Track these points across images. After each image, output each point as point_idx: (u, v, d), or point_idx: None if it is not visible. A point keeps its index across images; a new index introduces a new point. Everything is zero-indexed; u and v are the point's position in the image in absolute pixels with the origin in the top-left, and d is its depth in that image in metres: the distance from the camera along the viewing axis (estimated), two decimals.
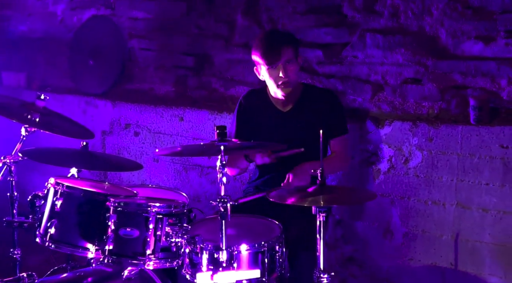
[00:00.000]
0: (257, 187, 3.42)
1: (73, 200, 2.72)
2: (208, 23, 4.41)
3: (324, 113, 3.28)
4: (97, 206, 2.71)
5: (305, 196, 2.46)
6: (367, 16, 3.76)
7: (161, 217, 2.51)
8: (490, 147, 3.27)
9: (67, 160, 3.29)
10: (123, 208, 2.56)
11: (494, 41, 3.36)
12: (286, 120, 3.32)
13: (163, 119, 4.46)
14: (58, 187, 2.74)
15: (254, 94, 3.45)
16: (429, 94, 3.57)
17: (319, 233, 2.50)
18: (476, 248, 3.35)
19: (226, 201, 2.38)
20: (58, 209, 2.72)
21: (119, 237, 2.53)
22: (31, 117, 2.88)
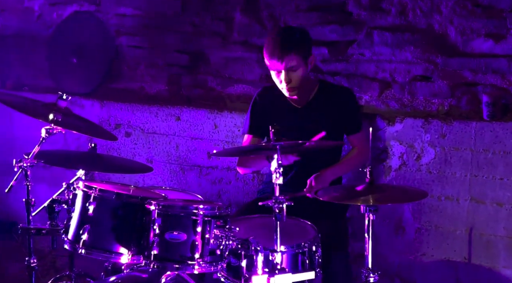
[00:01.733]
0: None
1: (107, 204, 2.58)
2: (203, 20, 4.32)
3: (340, 110, 3.27)
4: (133, 209, 2.58)
5: (354, 194, 2.43)
6: (373, 14, 3.78)
7: (209, 219, 2.42)
8: (504, 142, 3.36)
9: (75, 162, 3.14)
10: (168, 211, 2.45)
11: (504, 38, 3.45)
12: (301, 117, 3.28)
13: (158, 118, 4.33)
14: (91, 191, 2.59)
15: (268, 90, 3.40)
16: (439, 91, 3.63)
17: (368, 232, 2.49)
18: (490, 242, 3.43)
19: (282, 202, 2.31)
20: (91, 214, 2.58)
21: (165, 241, 2.42)
22: (55, 117, 2.71)
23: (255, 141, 3.35)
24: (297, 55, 3.06)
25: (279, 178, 2.34)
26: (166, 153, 4.30)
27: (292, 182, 3.27)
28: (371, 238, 2.52)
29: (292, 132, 3.26)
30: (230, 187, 4.10)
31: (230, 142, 4.07)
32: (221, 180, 4.12)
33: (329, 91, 3.30)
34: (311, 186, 3.07)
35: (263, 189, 3.45)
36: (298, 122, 3.26)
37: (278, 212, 2.32)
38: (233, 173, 4.08)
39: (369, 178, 2.44)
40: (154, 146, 4.35)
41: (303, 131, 3.24)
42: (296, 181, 3.24)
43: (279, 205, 2.32)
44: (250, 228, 2.76)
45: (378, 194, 2.39)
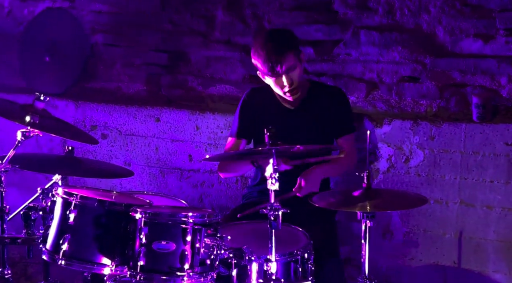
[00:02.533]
0: (262, 192, 3.23)
1: (89, 212, 2.43)
2: (183, 18, 4.18)
3: (332, 110, 3.17)
4: (116, 217, 2.44)
5: (351, 200, 2.33)
6: (360, 13, 3.69)
7: (200, 227, 2.29)
8: (494, 144, 3.30)
9: (52, 166, 2.98)
10: (155, 220, 2.31)
11: (494, 39, 3.40)
12: (292, 118, 3.18)
13: (136, 120, 4.17)
14: (71, 198, 2.43)
15: (257, 91, 3.28)
16: (428, 92, 3.56)
17: (365, 239, 2.39)
18: (480, 246, 3.37)
19: (278, 209, 2.20)
20: (72, 222, 2.42)
21: (153, 251, 2.28)
22: (31, 120, 2.55)
23: (240, 144, 3.23)
24: (292, 54, 2.98)
25: (275, 184, 2.21)
26: (145, 155, 4.15)
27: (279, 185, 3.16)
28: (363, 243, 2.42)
29: (284, 134, 3.15)
30: (213, 191, 3.97)
31: (213, 144, 3.94)
32: (203, 183, 3.99)
33: (320, 91, 3.20)
34: (300, 185, 2.96)
35: (248, 193, 3.33)
36: (290, 124, 3.15)
37: (273, 219, 2.20)
38: (216, 176, 3.95)
39: (366, 183, 2.34)
40: (132, 149, 4.19)
41: (295, 133, 3.15)
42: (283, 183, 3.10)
43: (275, 212, 2.20)
44: (238, 235, 2.64)
45: (376, 200, 2.30)
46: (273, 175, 2.23)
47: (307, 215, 2.92)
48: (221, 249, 2.28)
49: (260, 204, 3.13)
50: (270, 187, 2.26)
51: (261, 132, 3.19)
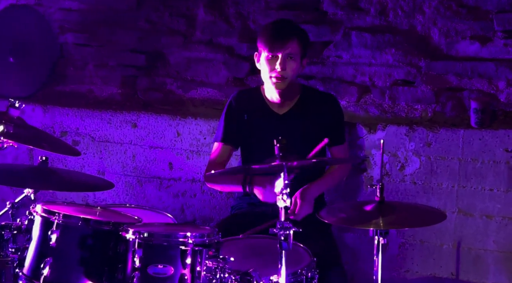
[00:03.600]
0: (253, 204, 3.03)
1: (74, 233, 2.18)
2: (161, 17, 3.94)
3: (324, 118, 3.00)
4: (105, 238, 2.20)
5: (363, 216, 2.15)
6: (350, 13, 3.53)
7: (200, 249, 2.07)
8: (494, 151, 3.18)
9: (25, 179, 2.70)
10: (150, 241, 2.07)
11: (491, 41, 3.28)
12: (282, 123, 2.99)
13: (111, 125, 3.90)
14: (53, 217, 2.17)
15: (245, 94, 3.09)
16: (423, 96, 3.42)
17: (377, 256, 2.21)
18: (479, 256, 3.25)
19: (289, 228, 1.99)
20: (54, 244, 2.16)
21: (148, 276, 2.05)
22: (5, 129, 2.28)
23: (227, 150, 3.01)
24: (298, 44, 2.88)
25: (287, 201, 2.00)
26: (120, 163, 3.88)
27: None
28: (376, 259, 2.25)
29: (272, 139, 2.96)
30: (195, 201, 3.74)
31: (195, 151, 3.71)
32: (185, 193, 3.76)
33: (312, 97, 3.02)
34: (295, 207, 2.77)
35: (238, 205, 3.12)
36: (279, 130, 2.95)
37: (283, 239, 1.99)
38: (198, 186, 3.72)
39: (379, 197, 2.16)
40: (106, 156, 3.92)
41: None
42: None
43: (285, 231, 1.99)
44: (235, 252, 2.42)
45: (391, 216, 2.11)
46: (284, 191, 2.01)
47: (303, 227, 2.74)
48: (225, 272, 2.05)
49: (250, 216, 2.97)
50: (279, 204, 2.04)
51: (249, 138, 3.04)
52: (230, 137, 3.01)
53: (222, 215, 3.69)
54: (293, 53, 2.87)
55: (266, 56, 2.90)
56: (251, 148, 2.99)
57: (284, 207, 2.03)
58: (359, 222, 2.12)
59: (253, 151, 2.97)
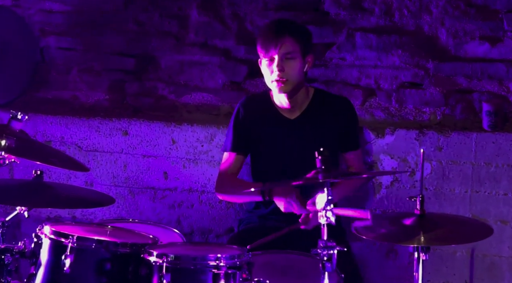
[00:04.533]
0: (264, 217, 2.88)
1: (90, 257, 1.98)
2: (151, 18, 3.73)
3: (338, 123, 2.87)
4: (124, 261, 2.00)
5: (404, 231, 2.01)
6: (354, 14, 3.41)
7: (234, 272, 1.89)
8: (508, 154, 3.11)
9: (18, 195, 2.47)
10: (179, 264, 1.88)
11: (501, 41, 3.21)
12: (293, 129, 2.85)
13: (99, 133, 3.67)
14: (66, 240, 1.96)
15: (254, 100, 2.94)
16: (432, 99, 3.32)
17: (417, 271, 2.08)
18: (494, 263, 3.16)
19: (333, 247, 1.83)
20: (68, 270, 1.95)
21: None
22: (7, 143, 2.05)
23: (239, 160, 2.85)
24: (294, 41, 2.72)
25: (332, 218, 1.85)
26: (111, 174, 3.65)
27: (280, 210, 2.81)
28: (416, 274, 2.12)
29: (284, 148, 2.83)
30: (193, 212, 3.54)
31: (192, 159, 3.51)
32: (181, 204, 3.56)
33: (325, 101, 2.87)
34: (307, 216, 2.62)
35: (247, 218, 2.95)
36: (291, 136, 2.81)
37: (326, 260, 1.83)
38: (196, 196, 3.53)
39: (419, 210, 2.03)
40: (95, 166, 3.68)
41: (296, 146, 2.82)
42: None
43: (329, 251, 1.83)
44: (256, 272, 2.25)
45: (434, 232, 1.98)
46: (328, 208, 1.85)
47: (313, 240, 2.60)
48: None
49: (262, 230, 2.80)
50: (321, 221, 1.89)
51: (259, 146, 2.89)
52: (240, 146, 2.86)
53: (222, 226, 3.52)
54: (290, 51, 2.73)
55: (265, 61, 2.79)
56: (262, 155, 2.84)
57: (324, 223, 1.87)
58: (401, 238, 1.97)
59: (264, 159, 2.82)
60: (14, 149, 2.09)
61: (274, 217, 2.82)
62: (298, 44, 2.75)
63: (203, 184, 3.51)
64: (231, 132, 2.88)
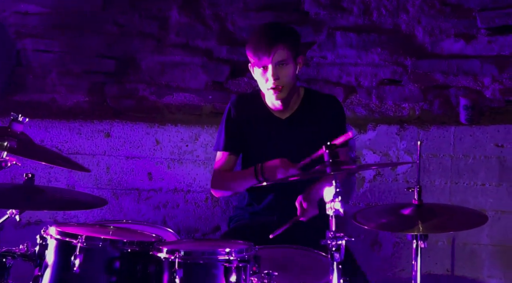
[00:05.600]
0: (256, 213, 2.91)
1: (99, 256, 1.98)
2: (131, 19, 3.74)
3: (327, 121, 2.92)
4: (132, 259, 2.01)
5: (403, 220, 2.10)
6: (333, 13, 3.49)
7: (244, 265, 1.93)
8: (485, 146, 3.24)
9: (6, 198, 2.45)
10: (191, 260, 1.92)
11: (475, 39, 3.34)
12: (285, 129, 2.88)
13: (81, 136, 3.64)
14: (75, 240, 1.97)
15: (245, 99, 2.96)
16: (410, 95, 3.43)
17: (416, 260, 2.17)
18: (474, 251, 3.29)
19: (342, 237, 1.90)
20: (77, 270, 1.95)
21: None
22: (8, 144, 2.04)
23: (232, 158, 2.88)
24: (286, 48, 2.72)
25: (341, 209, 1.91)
26: (93, 177, 3.63)
27: (272, 205, 2.86)
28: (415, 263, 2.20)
29: (276, 146, 2.87)
30: (178, 212, 3.56)
31: (177, 159, 3.53)
32: (167, 204, 3.57)
33: (314, 100, 2.92)
34: (303, 208, 2.68)
35: (238, 215, 2.97)
36: (282, 135, 2.85)
37: (335, 250, 1.89)
38: (181, 195, 3.55)
39: (417, 200, 2.12)
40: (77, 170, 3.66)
41: (288, 145, 2.86)
42: (277, 203, 2.84)
43: (338, 242, 1.90)
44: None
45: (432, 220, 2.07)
46: (337, 200, 1.92)
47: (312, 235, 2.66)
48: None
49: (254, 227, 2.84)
50: (329, 213, 1.95)
51: (249, 144, 2.92)
52: (232, 144, 2.88)
53: (208, 225, 3.55)
54: (284, 59, 2.73)
55: (257, 68, 2.77)
56: (253, 154, 2.87)
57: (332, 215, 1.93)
58: (401, 227, 2.05)
59: (255, 158, 2.85)
60: (19, 150, 2.08)
61: (266, 213, 2.86)
62: (290, 50, 2.75)
63: (189, 183, 3.54)
64: (223, 131, 2.89)
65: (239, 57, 3.60)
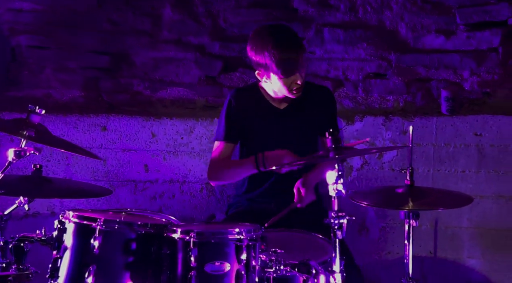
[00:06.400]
0: (252, 200, 3.06)
1: (117, 238, 2.12)
2: (125, 17, 3.85)
3: (320, 111, 3.08)
4: (147, 241, 2.16)
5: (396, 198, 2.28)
6: (321, 10, 3.66)
7: (254, 243, 2.09)
8: (464, 136, 3.44)
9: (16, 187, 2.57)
10: (206, 239, 2.07)
11: (454, 34, 3.54)
12: (283, 118, 3.03)
13: (77, 130, 3.76)
14: (95, 223, 2.10)
15: (244, 92, 3.09)
16: (395, 88, 3.62)
17: (408, 240, 2.35)
18: (455, 234, 3.49)
19: (344, 216, 2.07)
20: (97, 251, 2.09)
21: (205, 274, 2.04)
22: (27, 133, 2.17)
23: (230, 148, 3.02)
24: (303, 53, 2.85)
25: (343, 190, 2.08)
26: (90, 169, 3.75)
27: (270, 192, 3.02)
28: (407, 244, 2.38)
29: (274, 136, 3.02)
30: (174, 202, 3.70)
31: (172, 151, 3.67)
32: (162, 194, 3.70)
33: (310, 91, 3.08)
34: (300, 195, 2.85)
35: (236, 202, 3.11)
36: (280, 124, 3.01)
37: (337, 228, 2.07)
38: (177, 186, 3.68)
39: (409, 180, 2.30)
40: (73, 162, 3.76)
41: (285, 134, 3.02)
42: (275, 188, 3.00)
43: (340, 220, 2.07)
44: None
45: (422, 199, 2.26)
46: (339, 181, 2.09)
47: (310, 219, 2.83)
48: (280, 264, 2.09)
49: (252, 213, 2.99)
50: (331, 194, 2.12)
51: (249, 134, 3.07)
52: (232, 135, 3.00)
53: (204, 214, 3.69)
54: (304, 65, 2.86)
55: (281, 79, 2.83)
56: (252, 144, 3.01)
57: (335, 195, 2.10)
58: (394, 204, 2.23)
59: (254, 147, 3.00)
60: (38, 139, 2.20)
61: (263, 200, 3.01)
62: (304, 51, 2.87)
63: (184, 174, 3.67)
64: (224, 122, 3.00)
65: (231, 53, 3.76)
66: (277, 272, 2.08)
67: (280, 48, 2.76)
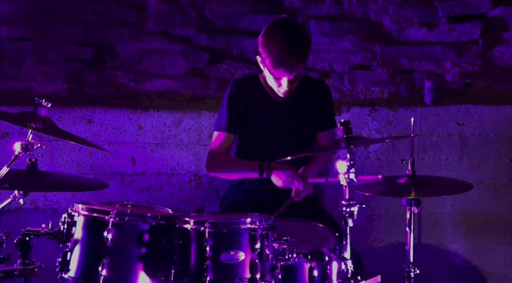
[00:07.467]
0: (249, 191, 3.09)
1: (130, 230, 2.12)
2: (108, 8, 3.81)
3: (317, 105, 3.13)
4: (159, 232, 2.17)
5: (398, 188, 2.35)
6: (307, 3, 3.71)
7: (267, 232, 2.13)
8: (447, 125, 3.55)
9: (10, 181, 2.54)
10: (220, 229, 2.09)
11: (436, 26, 3.64)
12: (282, 110, 3.07)
13: (62, 123, 3.70)
14: (107, 216, 2.10)
15: (244, 82, 3.11)
16: (380, 79, 3.70)
17: (409, 227, 2.43)
18: (438, 220, 3.61)
19: (354, 203, 2.13)
20: (110, 244, 2.08)
21: (221, 263, 2.06)
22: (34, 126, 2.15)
23: (231, 138, 3.03)
24: (304, 63, 2.88)
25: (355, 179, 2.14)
26: (75, 162, 3.70)
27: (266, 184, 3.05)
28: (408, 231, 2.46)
29: (273, 127, 3.05)
30: (162, 194, 3.69)
31: (160, 144, 3.66)
32: (150, 187, 3.69)
33: (309, 84, 3.12)
34: (298, 189, 2.90)
35: (232, 193, 3.14)
36: (279, 116, 3.05)
37: (348, 216, 2.12)
38: (165, 178, 3.68)
39: (410, 170, 2.38)
40: (58, 156, 3.71)
41: (284, 125, 3.06)
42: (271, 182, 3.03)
43: (349, 208, 2.12)
44: None
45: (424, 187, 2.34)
46: (351, 170, 2.15)
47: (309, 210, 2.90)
48: (293, 252, 2.14)
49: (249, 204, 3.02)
50: (342, 183, 2.17)
51: (251, 124, 3.08)
52: (234, 125, 3.01)
53: (192, 206, 3.70)
54: (299, 73, 2.89)
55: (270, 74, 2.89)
56: (252, 134, 3.04)
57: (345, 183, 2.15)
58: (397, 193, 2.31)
59: (254, 137, 3.03)
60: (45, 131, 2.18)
61: (260, 191, 3.04)
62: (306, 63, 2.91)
63: (172, 167, 3.67)
64: (225, 112, 3.01)
65: (218, 45, 3.76)
66: (289, 260, 2.12)
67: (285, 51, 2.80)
